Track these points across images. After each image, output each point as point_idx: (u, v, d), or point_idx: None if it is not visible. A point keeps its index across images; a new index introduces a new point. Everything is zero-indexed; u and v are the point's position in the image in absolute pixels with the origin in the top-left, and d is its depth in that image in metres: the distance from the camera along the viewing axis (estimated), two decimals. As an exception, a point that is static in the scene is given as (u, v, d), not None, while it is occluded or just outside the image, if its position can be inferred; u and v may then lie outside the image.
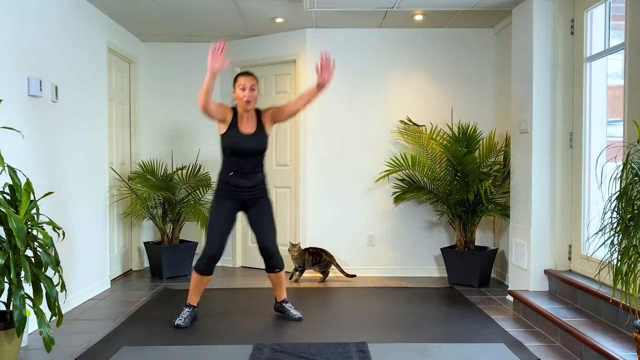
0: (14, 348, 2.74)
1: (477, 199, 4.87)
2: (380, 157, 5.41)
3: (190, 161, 5.87)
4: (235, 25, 5.22)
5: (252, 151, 3.63)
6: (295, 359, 3.00)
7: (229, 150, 3.64)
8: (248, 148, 3.62)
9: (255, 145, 3.63)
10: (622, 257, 2.38)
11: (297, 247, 5.08)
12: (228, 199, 3.67)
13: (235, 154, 3.63)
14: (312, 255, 5.11)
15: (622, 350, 2.78)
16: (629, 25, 3.29)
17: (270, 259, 3.74)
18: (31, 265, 2.74)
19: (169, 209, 5.38)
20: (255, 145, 3.63)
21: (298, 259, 5.10)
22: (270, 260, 3.75)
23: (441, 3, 4.35)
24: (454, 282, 5.01)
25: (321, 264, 5.10)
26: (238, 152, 3.62)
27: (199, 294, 3.77)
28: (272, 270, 3.78)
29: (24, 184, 2.82)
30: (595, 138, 3.89)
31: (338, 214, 5.45)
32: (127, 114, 5.62)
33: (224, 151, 3.68)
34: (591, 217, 3.84)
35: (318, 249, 5.14)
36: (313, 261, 5.11)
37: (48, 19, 3.86)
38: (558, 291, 3.96)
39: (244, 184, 3.65)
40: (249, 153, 3.63)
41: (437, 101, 5.43)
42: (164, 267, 5.25)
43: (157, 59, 5.92)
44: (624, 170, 2.41)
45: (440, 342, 3.33)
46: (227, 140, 3.64)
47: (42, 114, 3.76)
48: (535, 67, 4.09)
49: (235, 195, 3.66)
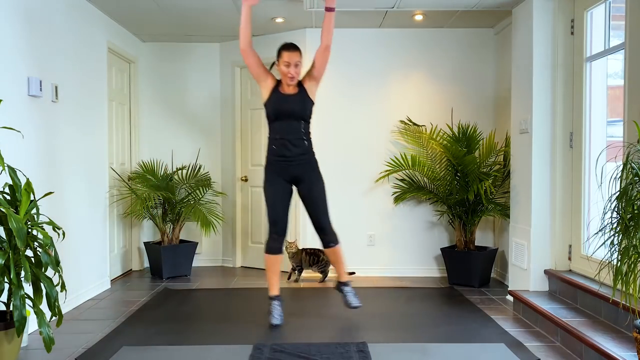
0: (14, 348, 2.74)
1: (477, 199, 4.87)
2: (380, 157, 5.41)
3: (190, 161, 5.87)
4: (235, 25, 5.22)
5: (296, 112, 3.56)
6: (295, 359, 3.00)
7: (272, 113, 3.60)
8: (291, 109, 3.56)
9: (298, 106, 3.57)
10: (622, 257, 2.38)
11: (294, 245, 5.06)
12: (278, 175, 3.65)
13: (279, 116, 3.58)
14: (310, 255, 5.10)
15: (622, 350, 2.78)
16: (629, 25, 3.29)
17: (324, 235, 3.71)
18: (31, 265, 2.74)
19: (169, 209, 5.38)
20: (298, 106, 3.57)
21: (295, 257, 5.09)
22: (323, 235, 3.71)
23: (441, 3, 4.35)
24: (454, 282, 5.01)
25: (320, 264, 5.10)
26: (281, 113, 3.56)
27: (277, 278, 3.74)
28: (327, 245, 3.74)
29: (24, 184, 2.82)
30: (595, 138, 3.88)
31: (338, 214, 5.43)
32: (127, 114, 5.62)
33: (269, 118, 3.64)
34: (591, 217, 3.84)
35: (316, 249, 5.13)
36: (310, 261, 5.09)
37: (48, 19, 3.86)
38: (558, 291, 3.96)
39: (291, 153, 3.58)
40: (293, 115, 3.56)
41: (437, 101, 5.43)
42: (164, 267, 5.25)
43: (157, 59, 5.92)
44: (624, 170, 2.41)
45: (440, 342, 3.33)
46: (270, 104, 3.60)
47: (42, 114, 3.76)
48: (535, 67, 4.09)
49: (283, 168, 3.62)
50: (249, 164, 5.86)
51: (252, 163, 5.85)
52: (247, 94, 5.86)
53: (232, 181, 5.91)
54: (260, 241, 5.79)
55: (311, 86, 3.66)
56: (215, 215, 5.54)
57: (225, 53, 5.89)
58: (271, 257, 3.70)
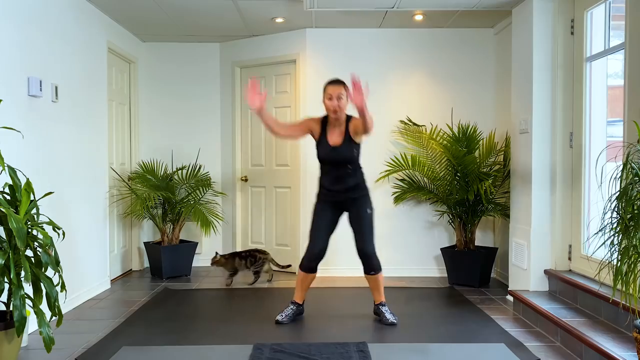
0: (14, 348, 2.74)
1: (477, 199, 4.87)
2: (380, 157, 5.40)
3: (190, 161, 5.87)
4: (235, 25, 5.22)
5: (339, 162, 3.72)
6: (295, 359, 3.00)
7: (320, 160, 3.79)
8: (335, 159, 3.72)
9: (341, 156, 3.70)
10: (622, 257, 2.38)
11: (218, 258, 4.94)
12: (326, 202, 3.82)
13: (326, 163, 3.77)
14: (245, 258, 5.00)
15: (622, 350, 2.78)
16: (629, 25, 3.29)
17: (367, 261, 3.79)
18: (31, 265, 2.74)
19: (169, 209, 5.38)
20: (341, 156, 3.70)
21: (227, 266, 4.97)
22: (367, 262, 3.79)
23: (441, 3, 4.35)
24: (454, 282, 5.01)
25: (256, 264, 4.99)
26: (328, 162, 3.75)
27: (304, 292, 3.88)
28: (368, 272, 3.81)
29: (24, 184, 2.82)
30: (595, 138, 3.88)
31: (338, 214, 5.44)
32: (127, 114, 5.62)
33: (318, 160, 3.82)
34: (591, 217, 3.84)
35: (250, 251, 5.05)
36: (247, 264, 4.99)
37: (48, 19, 3.86)
38: (558, 291, 3.95)
39: (338, 188, 3.76)
40: (337, 163, 3.73)
41: (437, 101, 5.43)
42: (164, 267, 5.25)
43: (157, 59, 5.92)
44: (624, 170, 2.41)
45: (440, 342, 3.33)
46: (318, 153, 3.78)
47: (42, 114, 3.76)
48: (535, 67, 4.09)
49: (331, 198, 3.79)
50: (249, 164, 5.86)
51: (252, 163, 5.85)
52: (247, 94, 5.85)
53: (232, 181, 5.91)
54: (259, 241, 5.80)
55: (356, 135, 3.74)
56: (215, 215, 5.54)
57: (225, 53, 5.89)
58: (304, 275, 3.87)
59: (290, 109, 5.51)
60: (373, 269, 3.80)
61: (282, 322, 3.74)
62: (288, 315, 3.79)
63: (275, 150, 5.68)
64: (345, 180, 3.75)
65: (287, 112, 5.56)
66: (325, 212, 3.81)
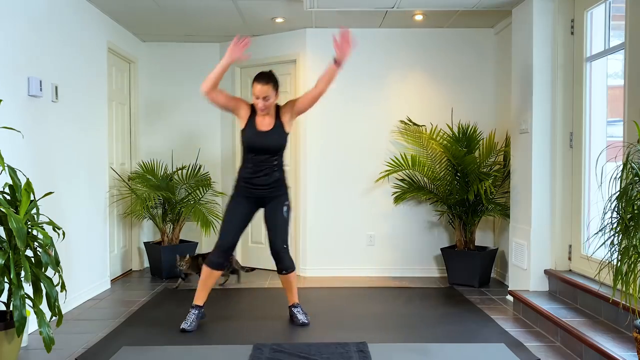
0: (14, 348, 2.74)
1: (477, 199, 4.87)
2: (380, 157, 5.40)
3: (190, 161, 5.87)
4: (235, 25, 5.22)
5: (268, 149, 3.57)
6: (295, 359, 3.00)
7: (246, 147, 3.62)
8: (264, 145, 3.56)
9: (271, 143, 3.57)
10: (622, 257, 2.38)
11: (185, 259, 4.76)
12: (244, 197, 3.65)
13: (252, 151, 3.59)
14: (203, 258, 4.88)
15: (622, 350, 2.78)
16: (629, 25, 3.29)
17: (279, 260, 3.68)
18: (31, 265, 2.74)
19: (169, 209, 5.38)
20: (271, 142, 3.57)
21: (191, 268, 4.83)
22: (279, 261, 3.68)
23: (441, 3, 4.35)
24: (454, 282, 5.01)
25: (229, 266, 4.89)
26: (255, 149, 3.58)
27: (206, 292, 3.69)
28: (280, 271, 3.71)
29: (24, 184, 2.82)
30: (595, 138, 3.88)
31: (338, 214, 5.45)
32: (127, 114, 5.62)
33: (243, 147, 3.66)
34: (591, 217, 3.84)
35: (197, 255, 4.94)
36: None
37: (48, 19, 3.86)
38: (558, 291, 3.95)
39: (261, 182, 3.60)
40: (265, 150, 3.57)
41: (437, 101, 5.43)
42: (164, 267, 5.25)
43: (157, 59, 5.92)
44: (624, 170, 2.41)
45: (440, 342, 3.33)
46: (244, 137, 3.60)
47: (42, 114, 3.76)
48: (535, 67, 4.09)
49: (251, 193, 3.64)
50: (249, 164, 5.86)
51: (252, 163, 5.84)
52: (247, 94, 5.85)
53: (232, 181, 5.90)
54: (260, 241, 5.80)
55: (289, 118, 3.64)
56: (215, 215, 5.54)
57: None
58: (209, 271, 3.67)
59: (290, 109, 5.50)
60: (285, 268, 3.68)
61: (188, 329, 3.53)
62: (192, 322, 3.58)
63: (275, 150, 5.67)
64: (268, 173, 3.60)
65: (287, 112, 5.56)
66: (242, 206, 3.64)
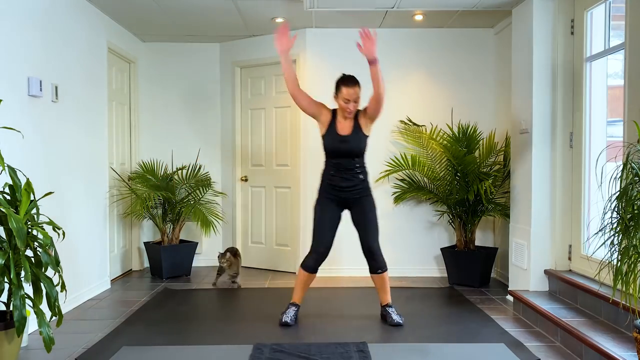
0: (14, 348, 2.74)
1: (477, 199, 4.87)
2: (380, 157, 5.40)
3: (190, 161, 5.87)
4: (235, 25, 5.22)
5: (349, 153, 3.65)
6: (295, 359, 3.00)
7: (328, 151, 3.72)
8: (345, 150, 3.65)
9: (352, 147, 3.65)
10: (622, 257, 2.38)
11: (225, 257, 4.77)
12: (330, 199, 3.73)
13: (334, 155, 3.69)
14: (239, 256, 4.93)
15: (622, 350, 2.78)
16: (629, 25, 3.29)
17: (373, 260, 3.73)
18: (31, 265, 2.74)
19: (169, 209, 5.38)
20: (352, 147, 3.65)
21: (233, 267, 4.84)
22: (373, 260, 3.74)
23: (441, 3, 4.35)
24: (454, 282, 5.01)
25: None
26: (336, 153, 3.67)
27: (303, 292, 3.80)
28: (375, 271, 3.76)
29: (24, 184, 2.82)
30: (595, 138, 3.88)
31: (338, 214, 5.44)
32: (127, 114, 5.62)
33: (325, 152, 3.75)
34: (591, 217, 3.84)
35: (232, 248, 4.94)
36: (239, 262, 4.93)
37: (48, 19, 3.86)
38: (558, 291, 3.95)
39: (344, 184, 3.68)
40: (347, 154, 3.66)
41: (437, 101, 5.43)
42: (164, 267, 5.25)
43: (157, 59, 5.92)
44: (624, 170, 2.41)
45: (440, 342, 3.33)
46: (325, 142, 3.71)
47: (42, 114, 3.76)
48: (535, 67, 4.09)
49: (336, 195, 3.71)
50: (249, 164, 5.86)
51: (252, 163, 5.85)
52: (247, 94, 5.86)
53: (232, 181, 5.91)
54: (259, 241, 5.80)
55: (366, 123, 3.71)
56: (215, 215, 5.54)
57: (225, 53, 5.89)
58: (306, 275, 3.77)
59: (291, 109, 5.51)
60: (380, 267, 3.75)
61: (290, 324, 3.67)
62: (293, 316, 3.72)
63: (275, 150, 5.68)
64: (352, 176, 3.68)
65: (287, 112, 5.56)
66: (329, 209, 3.73)
